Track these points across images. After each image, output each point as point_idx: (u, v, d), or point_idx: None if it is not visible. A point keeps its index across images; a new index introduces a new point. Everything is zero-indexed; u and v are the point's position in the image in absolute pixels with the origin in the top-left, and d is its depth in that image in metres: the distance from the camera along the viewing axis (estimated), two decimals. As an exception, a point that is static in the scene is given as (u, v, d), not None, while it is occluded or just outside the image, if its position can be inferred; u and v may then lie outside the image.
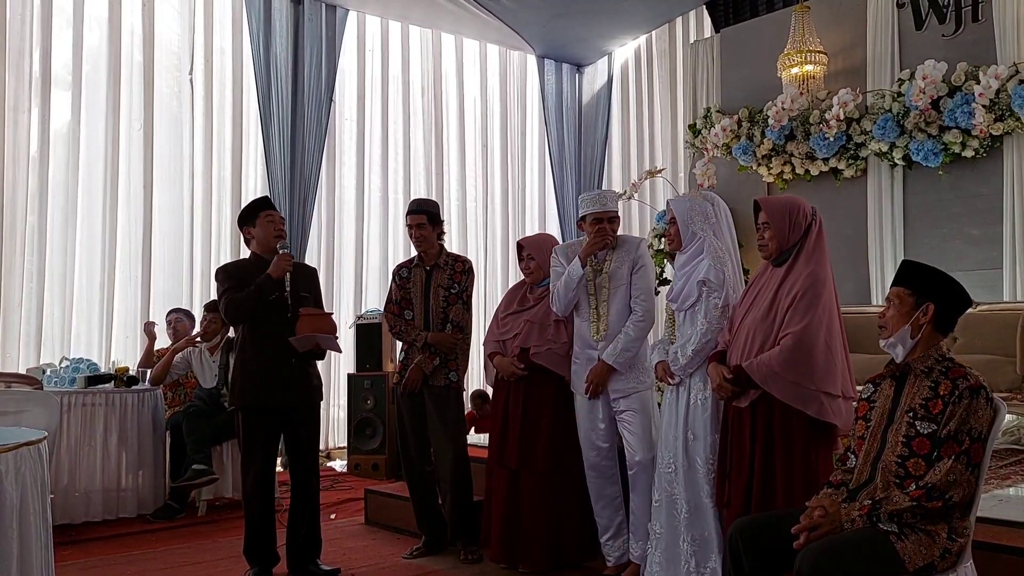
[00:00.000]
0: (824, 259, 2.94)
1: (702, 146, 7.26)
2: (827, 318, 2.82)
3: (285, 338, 3.72)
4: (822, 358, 2.78)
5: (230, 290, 3.73)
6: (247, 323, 3.78)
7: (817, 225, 2.97)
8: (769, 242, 2.98)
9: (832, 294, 2.89)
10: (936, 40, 5.97)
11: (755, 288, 3.04)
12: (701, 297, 3.23)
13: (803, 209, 2.98)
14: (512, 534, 3.91)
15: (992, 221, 5.70)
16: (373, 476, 6.24)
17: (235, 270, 3.87)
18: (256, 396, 3.76)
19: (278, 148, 7.02)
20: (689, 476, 3.20)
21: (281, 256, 3.74)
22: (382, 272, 7.69)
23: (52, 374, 5.18)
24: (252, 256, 3.91)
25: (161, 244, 6.68)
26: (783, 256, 2.96)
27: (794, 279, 2.88)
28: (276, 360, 3.74)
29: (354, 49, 7.77)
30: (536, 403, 3.91)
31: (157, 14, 6.71)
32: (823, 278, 2.88)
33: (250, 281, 3.71)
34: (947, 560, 2.25)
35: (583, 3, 7.79)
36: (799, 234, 2.95)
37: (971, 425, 2.26)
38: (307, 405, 3.89)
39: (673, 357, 3.26)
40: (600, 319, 3.73)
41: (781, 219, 2.95)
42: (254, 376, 3.75)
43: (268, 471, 3.81)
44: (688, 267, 3.31)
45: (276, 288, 3.71)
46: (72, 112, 6.30)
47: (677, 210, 3.37)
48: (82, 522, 4.89)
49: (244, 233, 3.92)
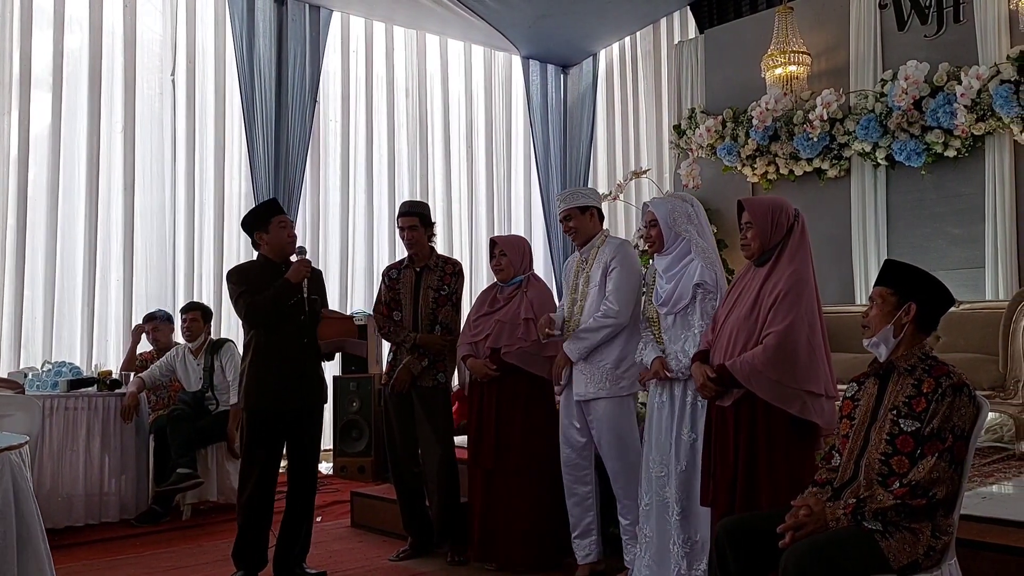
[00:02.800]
0: (807, 259, 2.95)
1: (687, 147, 7.29)
2: (809, 317, 2.83)
3: (300, 342, 3.73)
4: (805, 357, 2.79)
5: (247, 293, 3.70)
6: (264, 327, 3.75)
7: (800, 225, 2.99)
8: (752, 242, 2.99)
9: (814, 293, 2.90)
10: (918, 41, 6.01)
11: (738, 288, 3.04)
12: (696, 299, 3.23)
13: (786, 210, 2.99)
14: (490, 533, 3.92)
15: (974, 220, 5.75)
16: (359, 478, 6.21)
17: (249, 272, 3.84)
18: (266, 399, 3.73)
19: (262, 149, 6.98)
20: (683, 477, 3.19)
21: (301, 261, 3.75)
22: (367, 274, 7.67)
23: (34, 378, 5.13)
24: (261, 259, 3.88)
25: (144, 246, 6.62)
26: (765, 256, 2.97)
27: (777, 278, 2.90)
28: (290, 364, 3.73)
29: (338, 50, 7.74)
30: (509, 403, 3.92)
31: (139, 14, 6.65)
32: (806, 277, 2.89)
33: (262, 284, 3.70)
34: (931, 558, 2.26)
35: (568, 4, 7.79)
36: (781, 234, 2.96)
37: (954, 423, 2.27)
38: (313, 408, 3.89)
39: (674, 357, 3.25)
40: (572, 317, 3.74)
41: (763, 219, 2.96)
42: (266, 380, 3.72)
43: (271, 475, 3.78)
44: (676, 269, 3.30)
45: (295, 293, 3.71)
46: (53, 114, 6.24)
47: (658, 212, 3.36)
48: (64, 527, 4.84)
49: (255, 237, 3.87)
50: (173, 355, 5.54)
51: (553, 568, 3.88)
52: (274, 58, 7.11)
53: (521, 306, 3.97)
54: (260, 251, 3.90)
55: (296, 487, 3.85)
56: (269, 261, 3.83)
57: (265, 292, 3.68)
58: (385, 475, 4.74)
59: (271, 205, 3.98)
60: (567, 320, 3.77)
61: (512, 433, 3.88)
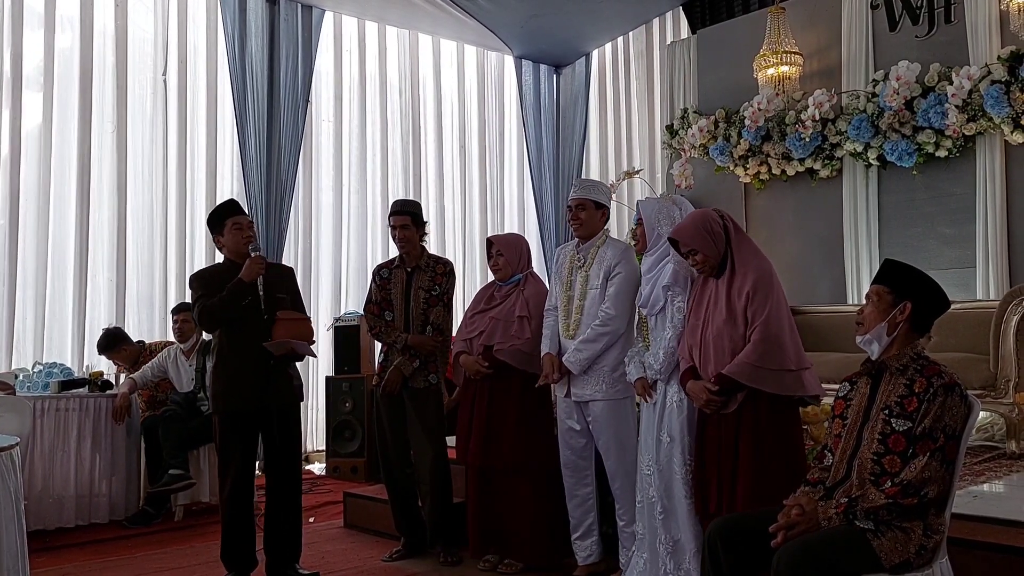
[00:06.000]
0: (757, 251, 3.09)
1: (679, 147, 7.29)
2: (782, 301, 2.98)
3: (260, 341, 3.69)
4: (790, 340, 2.92)
5: (203, 297, 3.70)
6: (223, 328, 3.75)
7: (732, 225, 3.10)
8: (703, 264, 3.08)
9: (777, 280, 3.03)
10: (910, 41, 6.03)
11: (703, 302, 3.10)
12: (667, 302, 3.27)
13: (712, 219, 3.08)
14: (484, 532, 3.92)
15: (965, 220, 5.77)
16: (352, 479, 6.20)
17: (209, 277, 3.83)
18: (233, 400, 3.73)
19: (254, 149, 6.95)
20: (663, 478, 3.21)
21: (253, 259, 3.70)
22: (360, 274, 7.65)
23: (25, 379, 5.11)
24: (226, 261, 3.87)
25: (135, 246, 6.60)
26: (721, 266, 3.07)
27: (740, 281, 2.99)
28: (253, 363, 3.70)
29: (331, 50, 7.72)
30: (501, 401, 3.91)
31: (130, 14, 6.62)
32: (766, 267, 3.02)
33: (224, 287, 3.68)
34: (923, 556, 2.27)
35: (560, 4, 7.79)
36: (723, 241, 3.06)
37: (946, 422, 2.28)
38: (285, 407, 3.84)
39: (648, 364, 3.29)
40: (570, 316, 3.73)
41: (702, 240, 3.05)
42: (231, 380, 3.72)
43: (246, 476, 3.77)
44: (654, 271, 3.34)
45: (249, 292, 3.68)
46: (44, 114, 6.21)
47: (645, 212, 3.41)
48: (55, 528, 4.82)
49: (215, 241, 3.88)
50: (165, 356, 5.52)
51: (551, 568, 3.87)
52: (266, 58, 7.09)
53: (516, 304, 3.97)
54: (222, 253, 3.89)
55: (278, 488, 3.82)
56: (233, 263, 3.80)
57: (220, 294, 3.66)
58: (378, 476, 4.73)
59: (226, 207, 3.92)
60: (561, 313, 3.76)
61: (504, 431, 3.87)
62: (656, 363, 3.23)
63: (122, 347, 5.66)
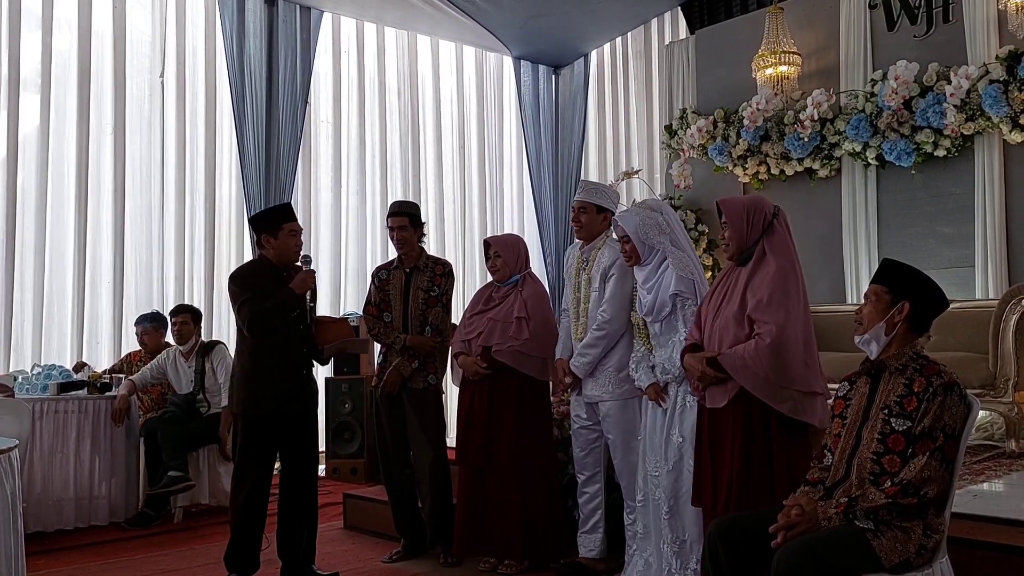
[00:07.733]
0: (790, 255, 2.94)
1: (678, 147, 7.29)
2: (802, 315, 2.83)
3: (300, 350, 3.76)
4: (798, 357, 2.78)
5: (251, 301, 3.67)
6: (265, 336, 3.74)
7: (780, 223, 2.98)
8: (729, 242, 3.01)
9: (801, 290, 2.89)
10: (908, 41, 6.03)
11: (722, 288, 3.04)
12: (676, 308, 3.27)
13: (762, 208, 2.99)
14: (477, 533, 3.92)
15: (964, 220, 5.77)
16: (352, 480, 6.20)
17: (251, 277, 3.81)
18: (270, 406, 3.72)
19: (252, 150, 6.94)
20: (671, 477, 3.21)
21: (307, 272, 3.77)
22: (359, 275, 7.64)
23: (24, 381, 5.10)
24: (263, 260, 3.86)
25: (134, 248, 6.58)
26: (745, 255, 2.97)
27: (761, 277, 2.89)
28: (293, 371, 3.76)
29: (329, 50, 7.71)
30: (500, 401, 3.92)
31: (128, 15, 6.60)
32: (791, 275, 2.88)
33: (263, 288, 3.69)
34: (923, 556, 2.27)
35: (558, 4, 7.79)
36: (758, 233, 2.96)
37: (945, 422, 2.28)
38: (310, 412, 3.89)
39: (662, 368, 3.29)
40: (579, 318, 3.76)
41: (738, 219, 2.97)
42: (265, 386, 3.71)
43: (264, 481, 3.77)
44: (654, 280, 3.32)
45: (298, 304, 3.74)
46: (41, 115, 6.19)
47: (628, 227, 3.36)
48: (55, 530, 4.81)
49: (261, 239, 3.85)
50: (164, 357, 5.51)
51: (548, 568, 3.87)
52: (264, 59, 7.08)
53: (515, 305, 3.98)
54: (263, 252, 3.87)
55: (296, 491, 3.83)
56: (271, 264, 3.81)
57: (269, 301, 3.67)
58: (377, 477, 4.74)
59: (285, 210, 3.97)
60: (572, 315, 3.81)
61: (503, 432, 3.88)
62: (672, 367, 3.23)
63: (163, 329, 5.68)
